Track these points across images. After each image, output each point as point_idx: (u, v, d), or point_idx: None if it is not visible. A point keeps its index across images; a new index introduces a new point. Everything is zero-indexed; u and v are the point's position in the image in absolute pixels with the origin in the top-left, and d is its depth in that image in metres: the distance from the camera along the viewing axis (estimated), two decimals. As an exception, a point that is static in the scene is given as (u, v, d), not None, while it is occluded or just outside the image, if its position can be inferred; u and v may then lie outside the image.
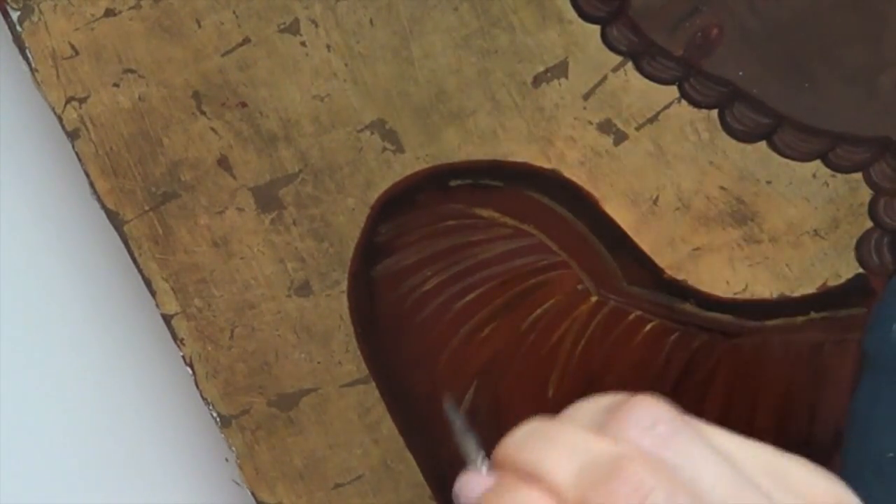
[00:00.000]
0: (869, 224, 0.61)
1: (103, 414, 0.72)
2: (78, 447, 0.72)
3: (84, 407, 0.72)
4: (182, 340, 0.64)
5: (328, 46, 0.61)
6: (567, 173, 0.62)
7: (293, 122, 0.62)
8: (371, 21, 0.61)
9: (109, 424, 0.72)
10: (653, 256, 0.62)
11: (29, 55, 0.61)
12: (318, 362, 0.65)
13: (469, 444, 0.42)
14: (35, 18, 0.61)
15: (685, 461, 0.37)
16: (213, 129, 0.62)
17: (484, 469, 0.40)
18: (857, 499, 0.38)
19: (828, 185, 0.61)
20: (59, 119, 0.62)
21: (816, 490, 0.38)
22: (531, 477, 0.38)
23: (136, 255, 0.64)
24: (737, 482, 0.37)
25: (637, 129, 0.61)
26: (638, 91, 0.61)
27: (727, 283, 0.62)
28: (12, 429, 0.71)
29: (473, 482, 0.40)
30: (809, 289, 0.62)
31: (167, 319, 0.64)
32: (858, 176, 0.61)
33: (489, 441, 0.68)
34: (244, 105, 0.62)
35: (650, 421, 0.38)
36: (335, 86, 0.62)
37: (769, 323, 0.63)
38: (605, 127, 0.61)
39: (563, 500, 0.37)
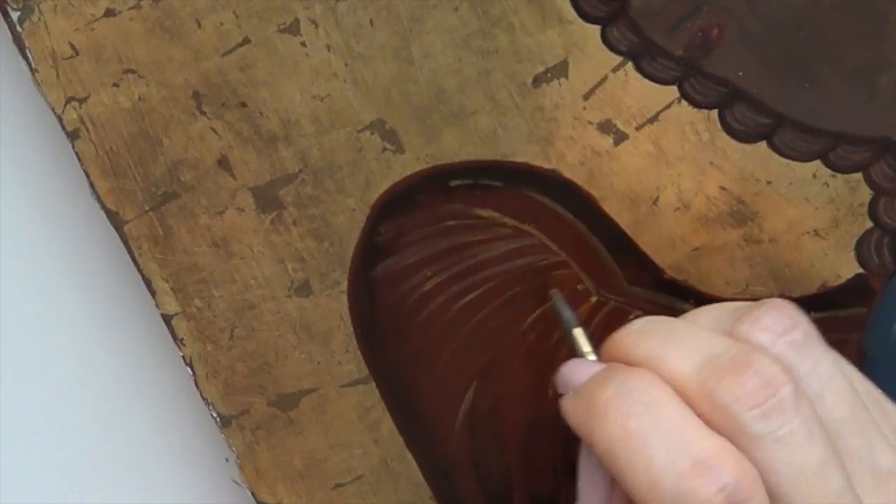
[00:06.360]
0: (869, 224, 0.61)
1: (103, 414, 0.72)
2: (77, 447, 0.72)
3: (83, 407, 0.72)
4: (182, 340, 0.64)
5: (328, 46, 0.61)
6: (567, 173, 0.62)
7: (293, 122, 0.62)
8: (371, 21, 0.61)
9: (109, 424, 0.72)
10: (653, 257, 0.62)
11: (29, 55, 0.61)
12: (318, 362, 0.65)
13: (578, 337, 0.39)
14: (35, 18, 0.61)
15: (813, 374, 0.35)
16: (213, 129, 0.62)
17: (593, 358, 0.36)
18: None
19: (828, 185, 0.61)
20: (59, 119, 0.62)
21: None
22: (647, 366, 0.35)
23: (136, 255, 0.64)
24: (857, 409, 0.35)
25: (637, 129, 0.61)
26: (638, 91, 0.61)
27: (727, 283, 0.62)
28: (11, 429, 0.71)
29: (581, 367, 0.37)
30: (809, 289, 0.62)
31: (167, 319, 0.64)
32: (858, 176, 0.61)
33: (490, 441, 0.68)
34: (244, 105, 0.62)
35: (783, 327, 0.36)
36: (335, 86, 0.62)
37: (769, 323, 0.63)
38: (605, 127, 0.61)
39: (681, 387, 0.34)
